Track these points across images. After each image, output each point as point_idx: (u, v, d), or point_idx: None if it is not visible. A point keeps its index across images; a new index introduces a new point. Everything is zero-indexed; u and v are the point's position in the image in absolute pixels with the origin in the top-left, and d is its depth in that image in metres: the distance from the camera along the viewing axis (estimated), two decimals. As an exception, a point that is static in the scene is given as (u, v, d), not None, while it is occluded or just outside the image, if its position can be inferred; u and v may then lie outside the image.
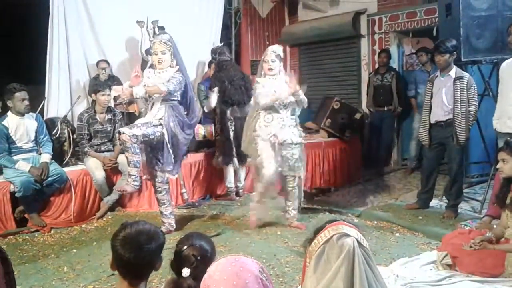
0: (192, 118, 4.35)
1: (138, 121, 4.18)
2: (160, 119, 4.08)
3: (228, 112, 5.37)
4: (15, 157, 4.49)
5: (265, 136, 4.29)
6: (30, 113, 4.64)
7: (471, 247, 3.22)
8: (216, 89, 5.34)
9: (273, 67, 4.33)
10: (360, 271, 1.42)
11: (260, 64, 4.49)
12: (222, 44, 5.78)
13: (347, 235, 1.47)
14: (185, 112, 4.26)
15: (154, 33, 5.68)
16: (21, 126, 4.54)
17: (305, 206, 5.17)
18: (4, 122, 4.48)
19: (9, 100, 4.48)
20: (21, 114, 4.53)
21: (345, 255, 1.44)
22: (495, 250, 3.16)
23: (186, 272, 1.78)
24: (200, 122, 5.85)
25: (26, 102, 4.52)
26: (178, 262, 1.85)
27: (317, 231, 1.55)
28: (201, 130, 5.73)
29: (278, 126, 4.28)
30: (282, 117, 4.31)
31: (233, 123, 5.38)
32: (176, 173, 4.38)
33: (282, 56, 4.42)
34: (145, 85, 4.06)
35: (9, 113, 4.54)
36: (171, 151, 4.15)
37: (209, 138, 5.78)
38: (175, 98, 4.16)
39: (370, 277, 1.44)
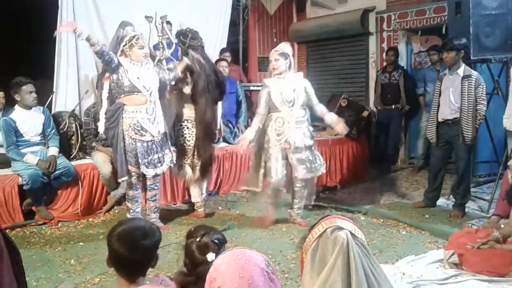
0: None
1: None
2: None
3: (185, 111, 4.62)
4: (23, 150, 4.50)
5: (275, 141, 4.26)
6: (38, 107, 4.65)
7: (474, 247, 3.21)
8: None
9: (276, 66, 4.26)
10: (356, 264, 1.41)
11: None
12: (189, 29, 4.73)
13: (340, 228, 1.46)
14: None
15: (163, 28, 5.67)
16: (28, 120, 4.54)
17: (311, 204, 5.17)
18: (12, 116, 4.48)
19: (17, 94, 4.48)
20: (29, 107, 4.53)
21: (339, 248, 1.43)
22: (502, 250, 3.14)
23: (212, 256, 1.75)
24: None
25: (34, 95, 4.53)
26: (196, 253, 1.80)
27: (311, 227, 1.54)
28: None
29: (289, 130, 4.23)
30: (293, 120, 4.25)
31: (194, 126, 4.60)
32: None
33: (289, 53, 4.34)
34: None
35: (16, 106, 4.54)
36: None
37: (218, 135, 5.74)
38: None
39: (367, 268, 1.43)
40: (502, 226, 3.47)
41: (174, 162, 4.51)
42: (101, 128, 4.28)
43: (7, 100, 5.33)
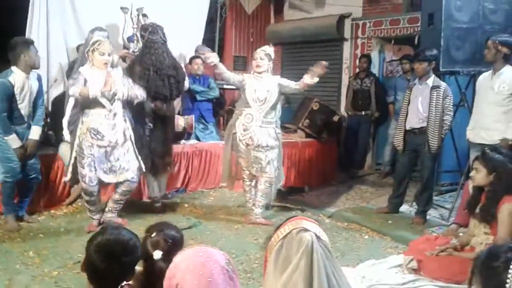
0: None
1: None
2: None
3: (147, 107, 4.52)
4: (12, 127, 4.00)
5: (240, 136, 4.41)
6: (33, 71, 4.12)
7: (432, 253, 3.30)
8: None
9: (261, 64, 4.40)
10: (319, 266, 1.43)
11: (251, 63, 4.60)
12: (152, 23, 4.76)
13: (306, 230, 1.48)
14: None
15: (138, 20, 5.59)
16: (26, 86, 4.02)
17: (278, 204, 5.20)
18: (10, 78, 3.90)
19: (22, 54, 3.93)
20: (28, 72, 4.01)
21: (304, 250, 1.44)
22: (460, 257, 3.23)
23: (158, 254, 1.77)
24: (179, 113, 5.79)
25: (39, 56, 4.16)
26: (149, 248, 1.83)
27: (277, 227, 1.55)
28: (180, 122, 5.59)
29: (254, 128, 4.35)
30: (257, 119, 4.37)
31: (151, 122, 4.57)
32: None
33: (272, 56, 4.52)
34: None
35: (14, 68, 3.95)
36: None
37: (189, 131, 5.73)
38: None
39: (329, 271, 1.44)
40: (461, 234, 3.58)
41: (143, 170, 4.35)
42: (66, 136, 4.24)
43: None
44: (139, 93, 4.20)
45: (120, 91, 4.05)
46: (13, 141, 3.98)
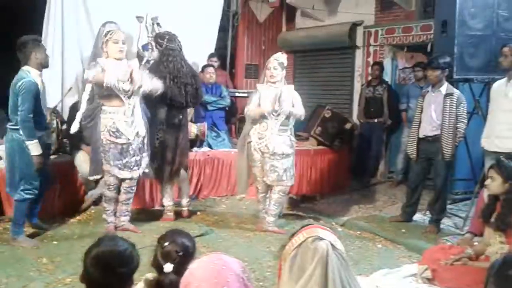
0: None
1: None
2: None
3: (162, 115, 4.49)
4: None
5: (255, 144, 4.37)
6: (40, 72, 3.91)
7: (447, 263, 3.26)
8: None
9: (275, 74, 4.37)
10: (334, 275, 1.42)
11: (264, 71, 4.56)
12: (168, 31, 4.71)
13: (321, 239, 1.47)
14: None
15: (153, 29, 5.64)
16: (42, 86, 3.85)
17: (290, 212, 5.19)
18: (32, 78, 3.71)
19: (33, 52, 3.78)
20: (40, 70, 3.85)
21: (319, 259, 1.43)
22: (475, 267, 3.19)
23: (168, 267, 1.77)
24: (192, 121, 5.82)
25: (48, 55, 4.06)
26: (160, 258, 1.84)
27: (292, 235, 1.55)
28: (193, 129, 5.59)
29: (269, 136, 4.33)
30: (273, 127, 4.34)
31: (166, 130, 4.53)
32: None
33: (285, 64, 4.48)
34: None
35: (28, 68, 3.76)
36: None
37: (201, 138, 5.74)
38: None
39: (344, 280, 1.43)
40: (476, 243, 3.54)
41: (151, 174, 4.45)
42: (74, 128, 4.16)
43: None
44: (158, 85, 4.24)
45: (145, 83, 4.09)
46: (35, 147, 3.72)
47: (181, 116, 4.58)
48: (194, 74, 4.71)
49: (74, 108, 5.02)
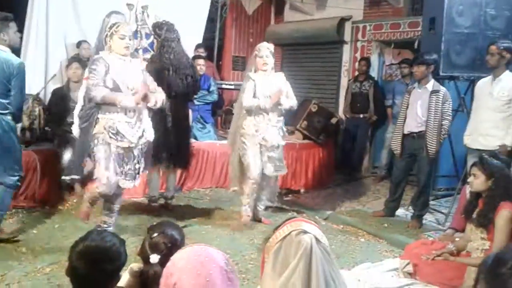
0: None
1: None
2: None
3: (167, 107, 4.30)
4: None
5: (252, 136, 4.31)
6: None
7: (428, 258, 3.29)
8: None
9: (268, 62, 4.32)
10: (317, 269, 1.41)
11: (251, 59, 4.47)
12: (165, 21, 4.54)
13: (305, 232, 1.46)
14: None
15: (143, 17, 5.56)
16: None
17: (274, 205, 5.18)
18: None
19: (1, 33, 3.55)
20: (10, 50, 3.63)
21: (303, 253, 1.42)
22: (456, 262, 3.23)
23: (154, 258, 1.74)
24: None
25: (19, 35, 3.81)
26: (147, 249, 1.81)
27: (275, 228, 1.53)
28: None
29: (266, 127, 4.31)
30: (270, 118, 4.33)
31: (172, 122, 4.43)
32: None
33: (273, 53, 4.45)
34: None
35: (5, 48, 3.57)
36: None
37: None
38: None
39: (327, 274, 1.43)
40: (457, 239, 3.58)
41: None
42: (75, 130, 3.65)
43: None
44: (163, 97, 3.82)
45: (159, 99, 3.68)
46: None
47: (183, 108, 4.52)
48: (192, 65, 4.62)
49: (55, 94, 4.94)
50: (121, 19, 4.20)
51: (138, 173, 3.74)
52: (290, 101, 4.39)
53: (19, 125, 3.82)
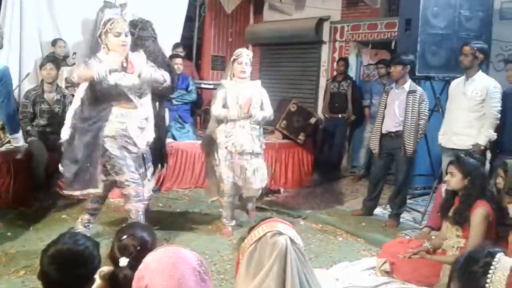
0: None
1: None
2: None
3: None
4: None
5: (222, 143, 4.13)
6: None
7: (405, 256, 3.33)
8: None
9: (246, 70, 4.16)
10: (292, 270, 1.41)
11: (229, 65, 4.32)
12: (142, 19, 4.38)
13: (280, 233, 1.45)
14: None
15: (122, 15, 5.49)
16: None
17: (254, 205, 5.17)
18: None
19: None
20: None
21: (277, 254, 1.41)
22: (432, 260, 3.27)
23: (123, 261, 1.70)
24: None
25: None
26: (116, 252, 1.77)
27: (251, 228, 1.52)
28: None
29: (237, 134, 4.10)
30: (243, 125, 4.12)
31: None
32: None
33: (252, 61, 4.31)
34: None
35: None
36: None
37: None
38: None
39: (302, 276, 1.42)
40: (433, 237, 3.63)
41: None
42: (64, 134, 3.43)
43: None
44: (165, 76, 3.70)
45: (145, 70, 3.49)
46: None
47: (160, 108, 4.32)
48: (169, 64, 4.45)
49: (28, 96, 4.82)
50: (115, 13, 3.92)
51: (144, 179, 3.67)
52: (264, 112, 4.20)
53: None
